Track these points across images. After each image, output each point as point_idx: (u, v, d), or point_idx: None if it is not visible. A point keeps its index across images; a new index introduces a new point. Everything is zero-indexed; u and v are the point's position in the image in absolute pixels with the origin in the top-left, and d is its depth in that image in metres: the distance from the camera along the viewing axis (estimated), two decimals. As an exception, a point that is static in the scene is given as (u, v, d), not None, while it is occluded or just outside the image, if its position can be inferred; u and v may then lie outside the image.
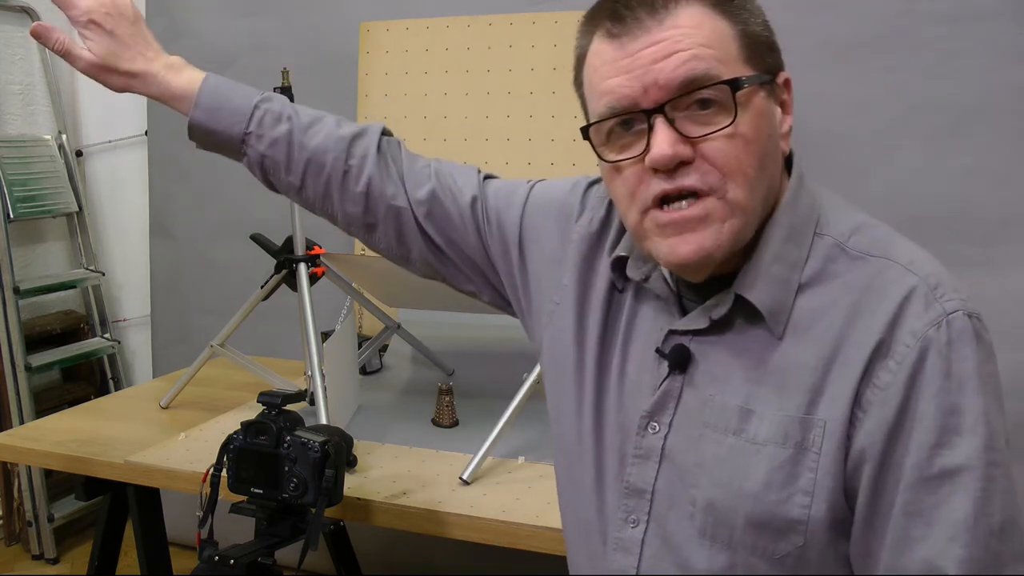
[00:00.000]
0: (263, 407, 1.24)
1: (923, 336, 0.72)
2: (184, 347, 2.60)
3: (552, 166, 2.12)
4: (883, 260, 0.76)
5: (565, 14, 2.11)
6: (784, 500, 0.75)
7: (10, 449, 1.71)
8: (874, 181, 1.93)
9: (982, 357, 0.73)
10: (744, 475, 0.76)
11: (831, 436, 0.74)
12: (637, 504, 0.84)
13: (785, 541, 0.75)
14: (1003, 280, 1.87)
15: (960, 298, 0.74)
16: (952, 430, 0.71)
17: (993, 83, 1.86)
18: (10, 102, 2.74)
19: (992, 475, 0.70)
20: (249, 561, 1.18)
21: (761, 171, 0.76)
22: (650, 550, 0.82)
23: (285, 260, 1.77)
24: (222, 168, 2.57)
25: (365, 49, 2.31)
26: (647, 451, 0.83)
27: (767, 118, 0.77)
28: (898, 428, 0.72)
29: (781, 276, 0.78)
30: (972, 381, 0.71)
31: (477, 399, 1.80)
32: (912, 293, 0.74)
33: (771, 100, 0.79)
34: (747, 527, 0.76)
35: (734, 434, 0.78)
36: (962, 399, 0.71)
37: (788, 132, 0.81)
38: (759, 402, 0.77)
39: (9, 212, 2.59)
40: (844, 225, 0.80)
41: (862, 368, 0.73)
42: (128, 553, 1.84)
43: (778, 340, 0.77)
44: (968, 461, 0.70)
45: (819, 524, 0.74)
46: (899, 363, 0.72)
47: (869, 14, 1.94)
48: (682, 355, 0.82)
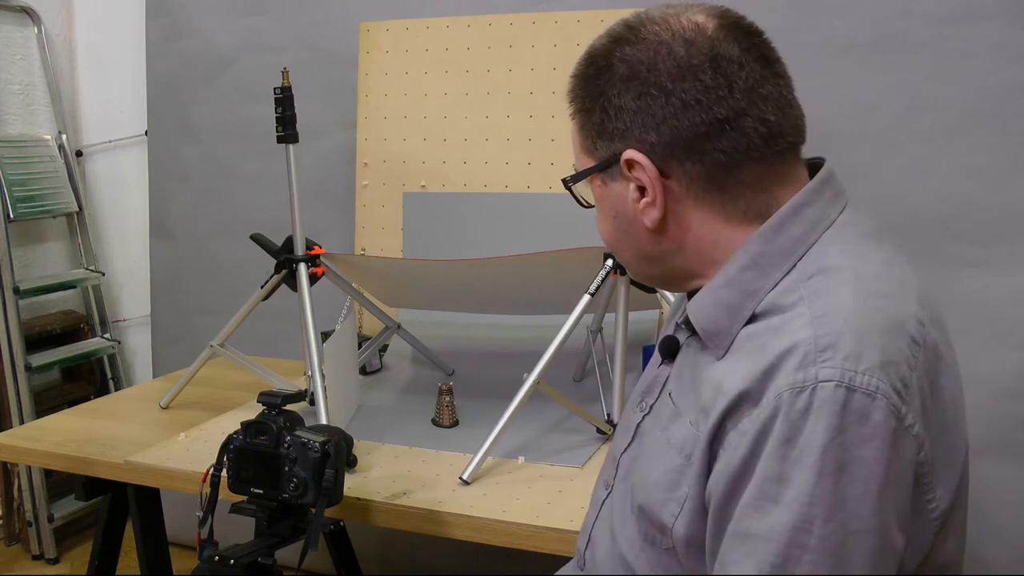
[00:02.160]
0: (263, 407, 1.24)
1: (779, 396, 0.69)
2: (184, 347, 2.60)
3: (552, 166, 2.12)
4: (804, 305, 0.73)
5: (565, 14, 2.11)
6: (662, 502, 0.79)
7: (10, 449, 1.71)
8: (874, 181, 1.93)
9: (844, 438, 0.66)
10: (650, 468, 0.83)
11: (700, 458, 0.75)
12: (611, 470, 0.93)
13: (663, 539, 0.80)
14: (1003, 280, 1.86)
15: (848, 368, 0.68)
16: (769, 497, 0.68)
17: (993, 83, 1.86)
18: (10, 102, 2.74)
19: (793, 556, 0.67)
20: (249, 561, 1.18)
21: (615, 244, 0.88)
22: (604, 511, 0.91)
23: (285, 260, 1.76)
24: (222, 168, 2.60)
25: (365, 49, 2.31)
26: (628, 424, 0.92)
27: (607, 200, 0.86)
28: (738, 479, 0.71)
29: (729, 301, 0.79)
30: (812, 457, 0.66)
31: (477, 399, 1.80)
32: (793, 349, 0.70)
33: (612, 183, 0.84)
34: (640, 514, 0.83)
35: (662, 430, 0.84)
36: (792, 471, 0.67)
37: (648, 206, 0.81)
38: (687, 408, 0.82)
39: (9, 212, 2.59)
40: (818, 264, 0.77)
41: (727, 406, 0.72)
42: (128, 553, 1.84)
43: (716, 359, 0.79)
44: (769, 533, 0.68)
45: (679, 535, 0.78)
46: (758, 414, 0.70)
47: (869, 14, 1.94)
48: (671, 346, 0.89)
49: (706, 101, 0.77)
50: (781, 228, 0.79)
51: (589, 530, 0.93)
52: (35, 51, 2.80)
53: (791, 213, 0.79)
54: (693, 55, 0.77)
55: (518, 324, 2.08)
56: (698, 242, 0.82)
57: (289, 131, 1.70)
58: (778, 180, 0.80)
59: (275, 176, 1.88)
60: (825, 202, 0.81)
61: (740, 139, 0.77)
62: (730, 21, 0.80)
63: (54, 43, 2.84)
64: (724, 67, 0.77)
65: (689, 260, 0.84)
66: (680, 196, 0.80)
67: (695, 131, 0.77)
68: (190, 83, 2.59)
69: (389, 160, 2.29)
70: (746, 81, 0.77)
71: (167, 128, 2.66)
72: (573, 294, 1.57)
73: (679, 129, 0.77)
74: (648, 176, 0.80)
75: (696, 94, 0.77)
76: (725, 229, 0.81)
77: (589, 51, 0.84)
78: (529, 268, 1.72)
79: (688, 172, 0.79)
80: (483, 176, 2.21)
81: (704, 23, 0.79)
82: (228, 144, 2.57)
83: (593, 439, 1.60)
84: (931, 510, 0.73)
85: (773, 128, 0.78)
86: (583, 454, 1.55)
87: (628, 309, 1.58)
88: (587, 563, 0.93)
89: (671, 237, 0.83)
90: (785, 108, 0.80)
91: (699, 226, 0.81)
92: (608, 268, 1.55)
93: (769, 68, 0.79)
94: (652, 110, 0.78)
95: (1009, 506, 1.90)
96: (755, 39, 0.80)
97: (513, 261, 1.70)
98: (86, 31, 2.90)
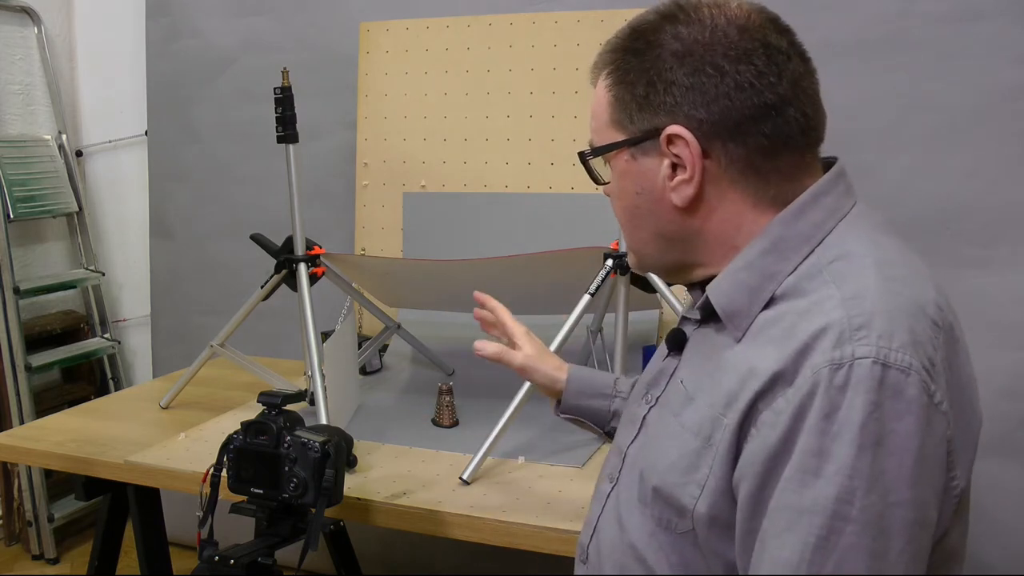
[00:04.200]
0: (263, 407, 1.24)
1: (817, 372, 0.70)
2: (184, 347, 2.60)
3: (552, 166, 2.12)
4: (831, 288, 0.75)
5: (565, 14, 2.11)
6: (680, 484, 0.80)
7: (10, 449, 1.71)
8: (874, 181, 1.93)
9: (881, 412, 0.68)
10: (663, 452, 0.83)
11: (725, 440, 0.76)
12: (616, 462, 0.93)
13: (681, 521, 0.81)
14: (1003, 280, 1.86)
15: (883, 346, 0.70)
16: (810, 471, 0.69)
17: (993, 83, 1.86)
18: (10, 102, 2.74)
19: (837, 528, 0.68)
20: (249, 561, 1.18)
21: (632, 222, 0.88)
22: (610, 502, 0.91)
23: (285, 260, 1.77)
24: (222, 168, 2.60)
25: (365, 49, 2.31)
26: (634, 417, 0.93)
27: (630, 177, 0.85)
28: (777, 457, 0.72)
29: (749, 283, 0.80)
30: (851, 431, 0.68)
31: (477, 399, 1.80)
32: (827, 328, 0.72)
33: (643, 158, 0.83)
34: (655, 498, 0.83)
35: (675, 415, 0.85)
36: (833, 445, 0.69)
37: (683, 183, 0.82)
38: (700, 392, 0.83)
39: (9, 212, 2.60)
40: (837, 249, 0.79)
41: (760, 387, 0.74)
42: (128, 553, 1.84)
43: (735, 342, 0.81)
44: (813, 506, 0.69)
45: (701, 517, 0.78)
46: (794, 393, 0.71)
47: (869, 14, 1.94)
48: (678, 339, 0.90)
49: (758, 86, 0.78)
50: (800, 214, 0.81)
51: (593, 523, 0.93)
52: (35, 51, 2.80)
53: (810, 200, 0.82)
54: (746, 40, 0.79)
55: (518, 324, 2.08)
56: (721, 224, 0.83)
57: (289, 131, 1.70)
58: (805, 171, 0.83)
59: (275, 176, 1.88)
60: (840, 193, 0.84)
61: (783, 127, 0.80)
62: (772, 16, 0.83)
63: (54, 43, 2.84)
64: (775, 56, 0.79)
65: (707, 244, 0.85)
66: (716, 177, 0.82)
67: (744, 113, 0.79)
68: (190, 83, 2.59)
69: (389, 160, 2.29)
70: (792, 73, 0.80)
71: (167, 128, 2.66)
72: (573, 294, 1.57)
73: (730, 109, 0.79)
74: (690, 153, 0.80)
75: (750, 77, 0.78)
76: (751, 213, 0.82)
77: (634, 25, 0.85)
78: (529, 268, 1.72)
79: (729, 153, 0.81)
80: (483, 176, 2.21)
81: (751, 13, 0.81)
82: (228, 144, 2.57)
83: (593, 439, 1.60)
84: (953, 487, 0.74)
85: (810, 122, 0.82)
86: (583, 454, 1.55)
87: (628, 309, 1.58)
88: (590, 556, 0.93)
89: (697, 217, 0.84)
90: (818, 105, 0.83)
91: (727, 208, 0.83)
92: (608, 268, 1.55)
93: (806, 65, 0.82)
94: (705, 88, 0.79)
95: (1009, 506, 1.90)
96: (792, 36, 0.83)
97: (513, 261, 1.70)
98: (86, 31, 2.90)
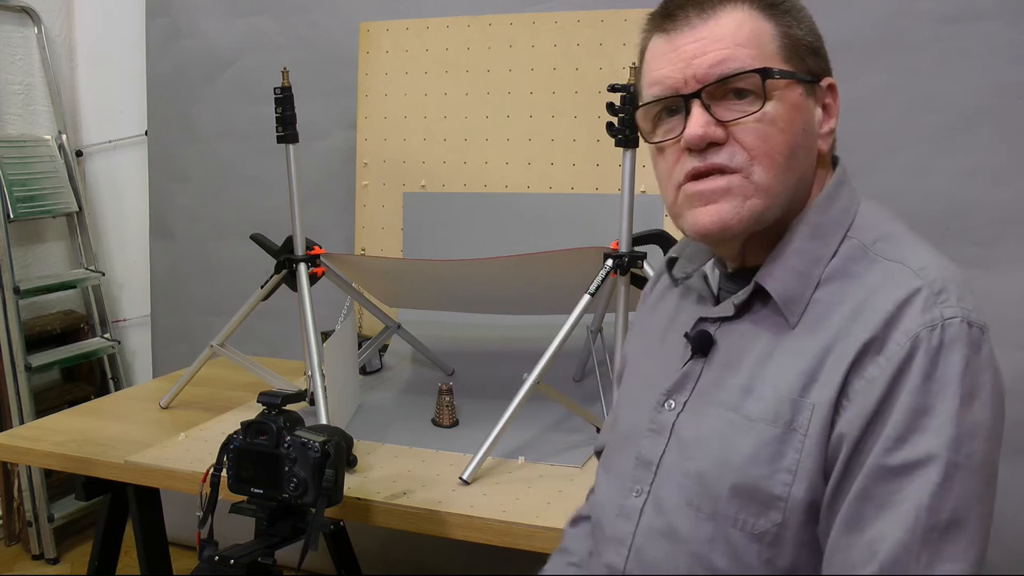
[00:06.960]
0: (263, 407, 1.24)
1: (915, 336, 0.75)
2: (184, 347, 2.61)
3: (552, 166, 2.12)
4: (896, 264, 0.80)
5: (565, 14, 2.11)
6: (768, 476, 0.79)
7: (10, 449, 1.71)
8: (874, 181, 1.93)
9: (973, 366, 0.75)
10: (733, 448, 0.82)
11: (817, 420, 0.78)
12: (643, 475, 0.89)
13: (765, 517, 0.79)
14: (1003, 280, 1.86)
15: (964, 307, 0.76)
16: (918, 428, 0.73)
17: (993, 83, 1.86)
18: (10, 102, 2.74)
19: (952, 474, 0.72)
20: (249, 561, 1.18)
21: (790, 159, 0.84)
22: (647, 517, 0.88)
23: (285, 260, 1.77)
24: (222, 168, 2.60)
25: (365, 49, 2.31)
26: (660, 426, 0.90)
27: (801, 112, 0.85)
28: (874, 419, 0.75)
29: (800, 269, 0.84)
30: (951, 386, 0.74)
31: (477, 399, 1.80)
32: (914, 295, 0.77)
33: (810, 99, 0.86)
34: (732, 497, 0.81)
35: (732, 410, 0.84)
36: (936, 402, 0.73)
37: (829, 133, 0.88)
38: (760, 382, 0.83)
39: (9, 212, 2.59)
40: (874, 232, 0.85)
41: (853, 359, 0.77)
42: (128, 553, 1.84)
43: (791, 329, 0.83)
44: (929, 454, 0.73)
45: (797, 504, 0.78)
46: (888, 359, 0.75)
47: (869, 14, 1.94)
48: (704, 340, 0.90)
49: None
50: (830, 201, 0.87)
51: (628, 542, 0.89)
52: (35, 51, 2.80)
53: (835, 189, 0.88)
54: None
55: (518, 324, 2.08)
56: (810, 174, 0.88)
57: (289, 131, 1.70)
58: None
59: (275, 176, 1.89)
60: (851, 183, 0.90)
61: None
62: None
63: (54, 43, 2.84)
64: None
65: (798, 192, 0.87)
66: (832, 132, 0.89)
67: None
68: (190, 83, 2.59)
69: (389, 160, 2.29)
70: None
71: (167, 128, 2.66)
72: (573, 294, 1.57)
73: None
74: (837, 106, 0.89)
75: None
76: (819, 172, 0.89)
77: None
78: (529, 268, 1.72)
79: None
80: (483, 176, 2.21)
81: None
82: (228, 144, 2.57)
83: (593, 439, 1.60)
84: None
85: None
86: (583, 454, 1.55)
87: (628, 309, 1.58)
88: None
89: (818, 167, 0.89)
90: None
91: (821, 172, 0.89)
92: (608, 268, 1.55)
93: None
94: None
95: (1009, 505, 1.89)
96: None
97: (513, 261, 1.70)
98: (86, 31, 2.90)
